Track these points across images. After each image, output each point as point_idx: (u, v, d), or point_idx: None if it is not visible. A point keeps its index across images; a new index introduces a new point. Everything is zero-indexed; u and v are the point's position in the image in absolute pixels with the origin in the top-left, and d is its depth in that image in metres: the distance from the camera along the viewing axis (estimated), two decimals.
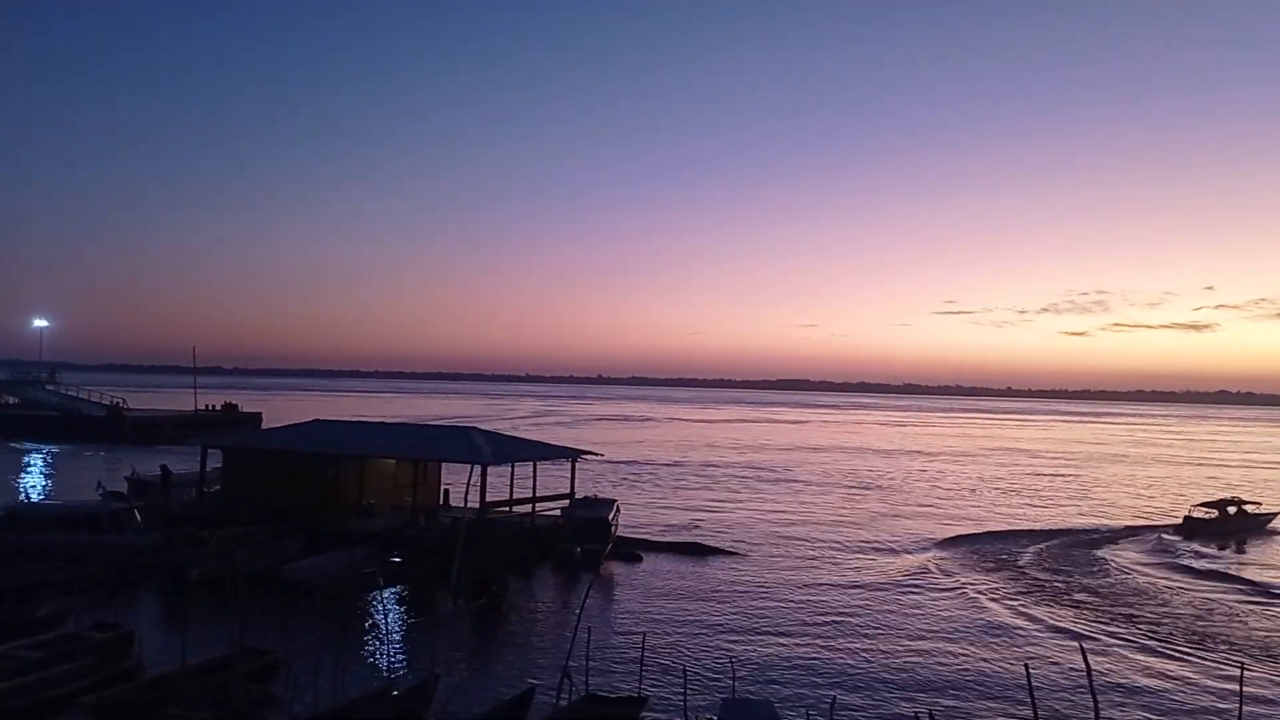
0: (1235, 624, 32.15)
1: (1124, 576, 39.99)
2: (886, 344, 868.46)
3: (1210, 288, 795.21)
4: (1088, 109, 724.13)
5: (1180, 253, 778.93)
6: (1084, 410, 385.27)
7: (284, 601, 29.47)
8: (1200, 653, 28.08)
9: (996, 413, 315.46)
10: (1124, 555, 45.35)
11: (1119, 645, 28.75)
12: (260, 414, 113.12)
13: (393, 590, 32.80)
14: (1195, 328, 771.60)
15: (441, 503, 43.45)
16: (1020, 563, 42.38)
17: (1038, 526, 54.17)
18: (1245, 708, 19.01)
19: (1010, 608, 33.45)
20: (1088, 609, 33.55)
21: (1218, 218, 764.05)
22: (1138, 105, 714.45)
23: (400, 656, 25.21)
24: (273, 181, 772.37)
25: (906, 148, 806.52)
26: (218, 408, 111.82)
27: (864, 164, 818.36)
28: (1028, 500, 68.54)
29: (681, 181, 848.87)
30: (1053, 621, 31.48)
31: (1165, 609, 34.03)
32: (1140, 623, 31.64)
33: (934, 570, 40.25)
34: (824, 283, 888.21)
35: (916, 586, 36.77)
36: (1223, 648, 28.61)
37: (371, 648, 25.83)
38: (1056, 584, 37.90)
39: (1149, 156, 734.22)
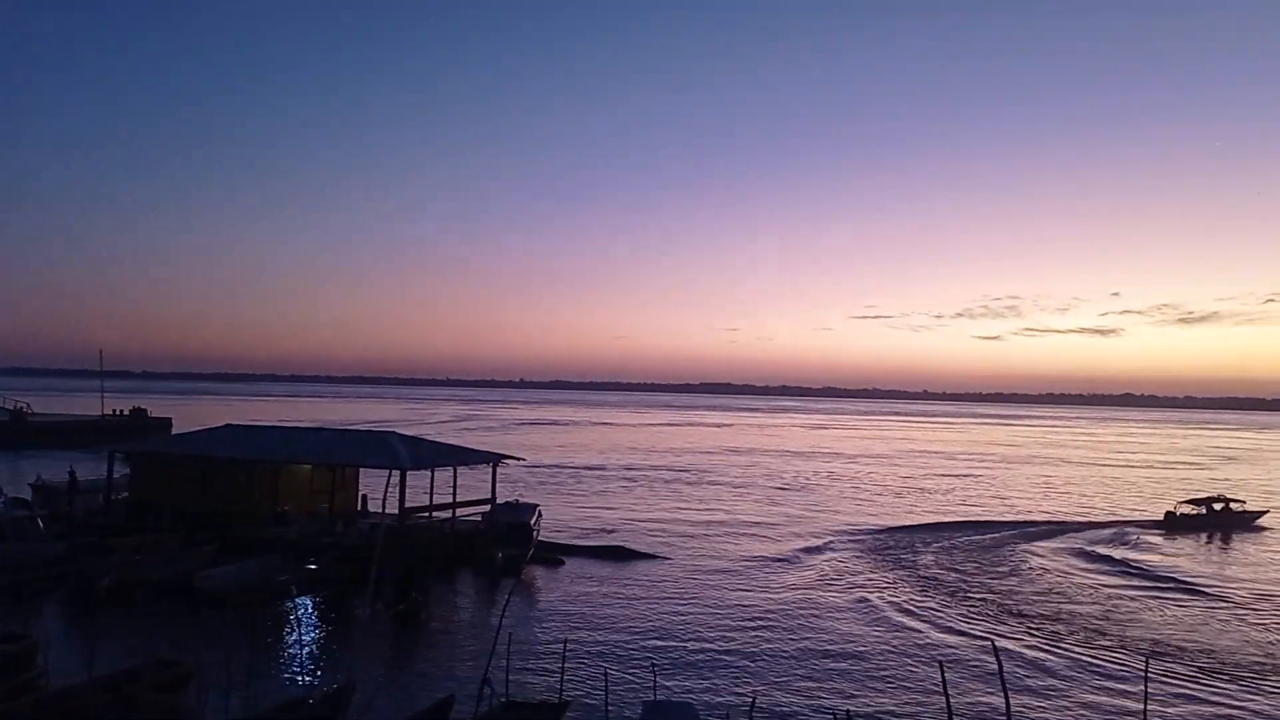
0: (1133, 621, 33.16)
1: (1037, 574, 41.10)
2: (807, 348, 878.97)
3: (1116, 294, 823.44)
4: (998, 121, 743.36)
5: (1088, 260, 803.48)
6: (998, 413, 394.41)
7: (195, 611, 28.81)
8: (1098, 652, 28.95)
9: (914, 415, 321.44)
10: (1040, 553, 46.58)
11: (1021, 644, 29.53)
12: (170, 419, 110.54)
13: (309, 598, 32.20)
14: (1102, 333, 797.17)
15: (359, 508, 42.86)
16: (934, 562, 43.28)
17: (953, 526, 55.38)
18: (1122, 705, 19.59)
19: (920, 607, 34.11)
20: (994, 608, 34.37)
21: (1123, 226, 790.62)
22: (1046, 117, 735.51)
23: (316, 665, 24.74)
24: (182, 181, 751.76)
25: (826, 156, 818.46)
26: (125, 412, 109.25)
27: (784, 170, 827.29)
28: (944, 500, 69.94)
29: (603, 185, 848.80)
30: (961, 622, 32.21)
31: (1071, 606, 35.04)
32: (1042, 621, 32.52)
33: (850, 570, 40.88)
34: (746, 287, 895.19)
35: (834, 587, 37.30)
36: (1116, 645, 29.53)
37: (286, 657, 25.31)
38: (968, 583, 38.78)
39: (1058, 167, 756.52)
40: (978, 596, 36.20)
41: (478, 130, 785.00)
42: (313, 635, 27.99)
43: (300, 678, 23.18)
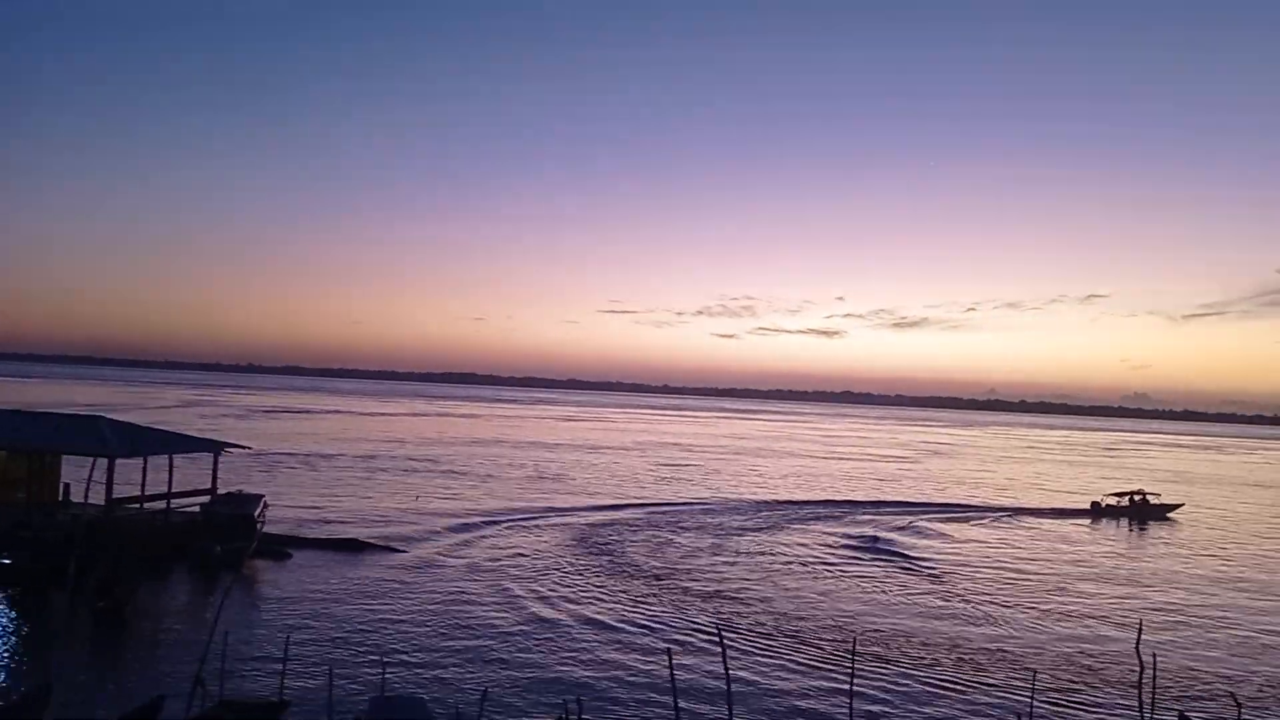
0: (839, 607, 35.72)
1: (756, 558, 43.41)
2: (554, 339, 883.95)
3: (841, 298, 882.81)
4: (736, 135, 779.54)
5: (816, 266, 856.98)
6: (734, 407, 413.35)
7: None
8: (807, 640, 30.94)
9: (657, 408, 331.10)
10: (768, 538, 49.20)
11: (741, 632, 31.16)
12: None
13: (1, 595, 29.35)
14: (827, 334, 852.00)
15: (61, 498, 39.35)
16: (661, 550, 44.93)
17: (684, 512, 57.54)
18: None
19: (641, 597, 35.27)
20: (708, 594, 36.08)
21: (847, 236, 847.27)
22: (778, 135, 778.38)
23: (8, 666, 22.70)
24: None
25: (576, 154, 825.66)
26: None
27: (533, 163, 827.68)
28: (679, 488, 72.23)
29: (339, 168, 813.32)
30: (679, 609, 33.62)
31: (783, 590, 37.27)
32: (746, 605, 34.44)
33: (584, 561, 41.64)
34: (493, 277, 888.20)
35: (567, 578, 37.91)
36: (824, 631, 31.76)
37: None
38: (692, 570, 40.45)
39: (789, 178, 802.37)
40: (694, 585, 37.76)
41: (211, 103, 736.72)
42: (5, 635, 25.59)
43: None
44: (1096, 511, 69.05)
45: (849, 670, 21.14)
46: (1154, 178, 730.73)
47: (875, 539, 51.75)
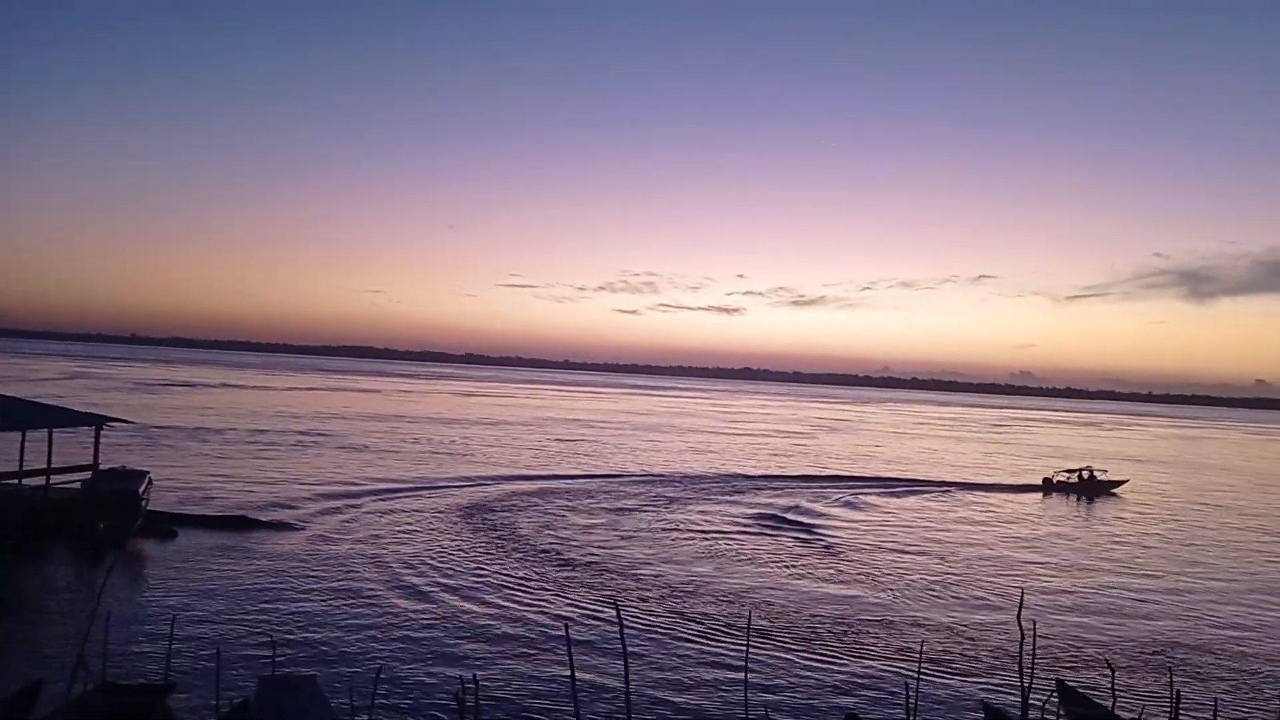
0: (725, 587, 36.23)
1: (662, 534, 43.75)
2: (452, 313, 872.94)
3: (741, 275, 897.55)
4: (640, 112, 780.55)
5: (717, 243, 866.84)
6: (635, 383, 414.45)
7: None
8: (706, 619, 31.34)
9: (560, 384, 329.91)
10: (672, 513, 49.50)
11: (639, 611, 31.41)
12: None
13: None
14: (727, 311, 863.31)
15: None
16: (559, 525, 44.93)
17: (582, 489, 57.62)
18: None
19: (541, 577, 35.25)
20: (607, 571, 36.28)
21: (748, 215, 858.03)
22: (681, 115, 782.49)
23: None
24: None
25: (475, 127, 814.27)
26: None
27: (431, 137, 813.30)
28: (578, 463, 72.09)
29: (229, 135, 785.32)
30: (575, 588, 33.75)
31: (685, 566, 37.67)
32: (642, 583, 34.78)
33: (480, 537, 41.38)
34: (388, 249, 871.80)
35: (462, 554, 37.66)
36: (722, 612, 32.21)
37: None
38: (592, 547, 40.59)
39: (691, 156, 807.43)
40: (589, 560, 37.90)
41: (95, 59, 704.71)
42: None
43: None
44: (1048, 487, 72.30)
45: (744, 647, 21.57)
46: (1042, 164, 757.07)
47: (797, 507, 52.82)
